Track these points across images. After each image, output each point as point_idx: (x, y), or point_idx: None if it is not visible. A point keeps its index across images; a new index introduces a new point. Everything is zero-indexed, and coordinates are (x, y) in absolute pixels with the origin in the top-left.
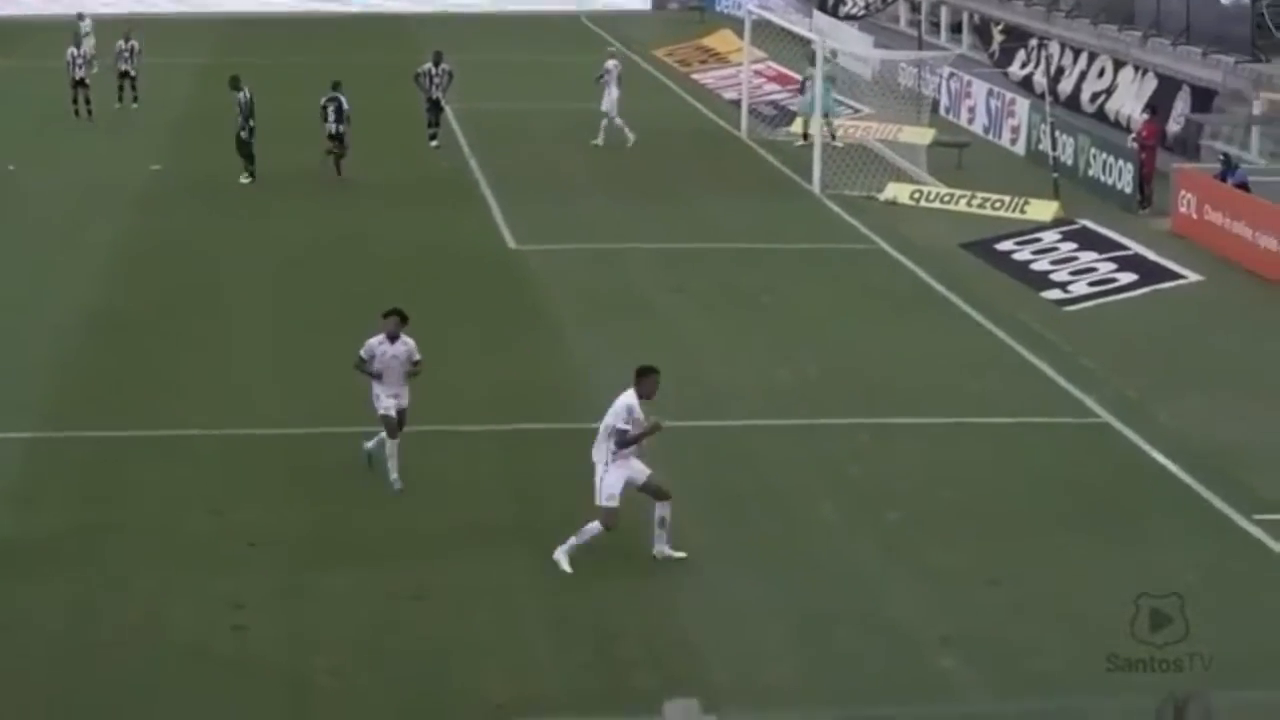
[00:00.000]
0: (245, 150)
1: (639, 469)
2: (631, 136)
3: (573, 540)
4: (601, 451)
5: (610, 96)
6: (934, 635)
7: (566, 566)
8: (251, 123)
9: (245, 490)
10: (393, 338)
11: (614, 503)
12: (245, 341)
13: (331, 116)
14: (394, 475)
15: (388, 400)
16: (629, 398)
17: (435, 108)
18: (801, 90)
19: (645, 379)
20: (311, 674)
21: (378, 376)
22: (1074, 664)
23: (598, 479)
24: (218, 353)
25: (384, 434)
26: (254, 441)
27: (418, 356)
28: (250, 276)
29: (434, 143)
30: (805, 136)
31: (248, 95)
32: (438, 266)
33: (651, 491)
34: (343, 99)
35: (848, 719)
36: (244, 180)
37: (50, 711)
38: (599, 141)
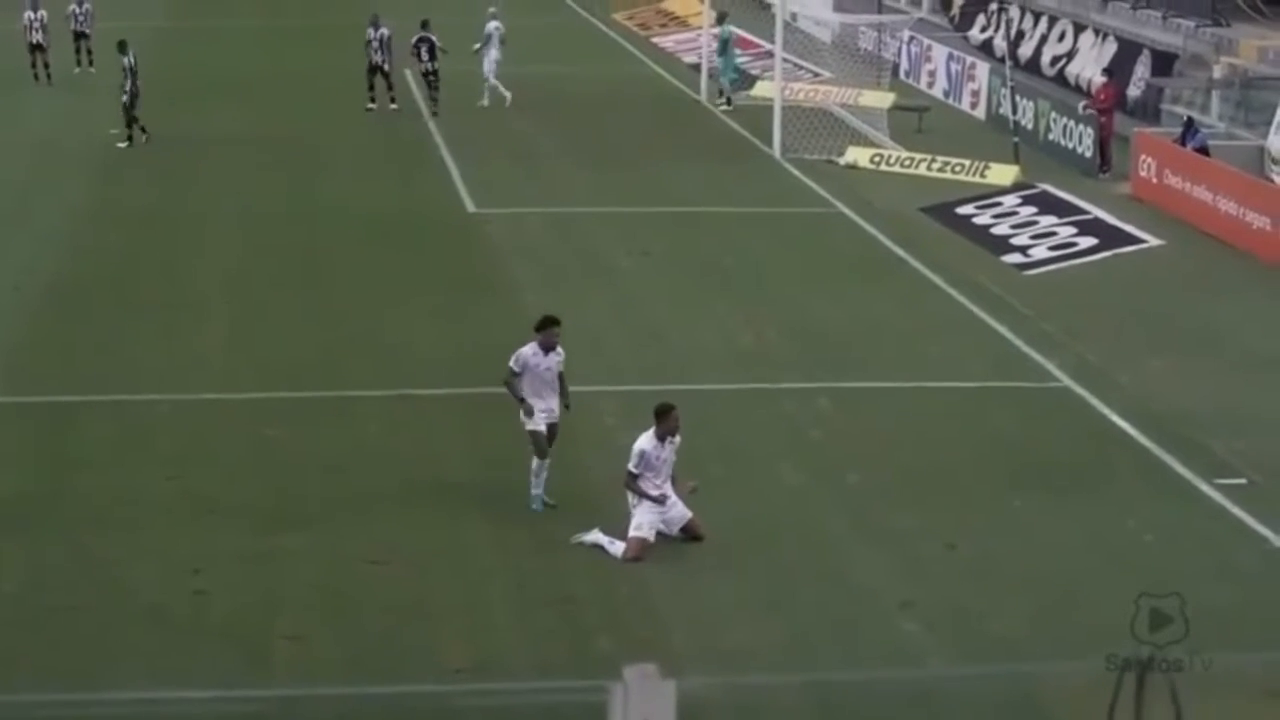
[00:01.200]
0: (127, 114)
1: (676, 515)
2: (508, 95)
3: (599, 538)
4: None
5: (490, 58)
6: (894, 599)
7: (586, 539)
8: (136, 85)
9: (203, 455)
10: (549, 348)
11: (640, 533)
12: (202, 306)
13: (425, 55)
14: (537, 491)
15: (540, 415)
16: (644, 440)
17: (374, 72)
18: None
19: (664, 418)
20: (271, 638)
21: (522, 399)
22: (1034, 628)
23: (630, 508)
24: (174, 317)
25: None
26: (211, 406)
27: (561, 364)
28: (208, 241)
29: (393, 105)
30: (728, 101)
31: (133, 60)
32: (396, 230)
33: (689, 535)
34: (433, 38)
35: (809, 684)
36: (121, 145)
37: (6, 675)
38: (485, 103)
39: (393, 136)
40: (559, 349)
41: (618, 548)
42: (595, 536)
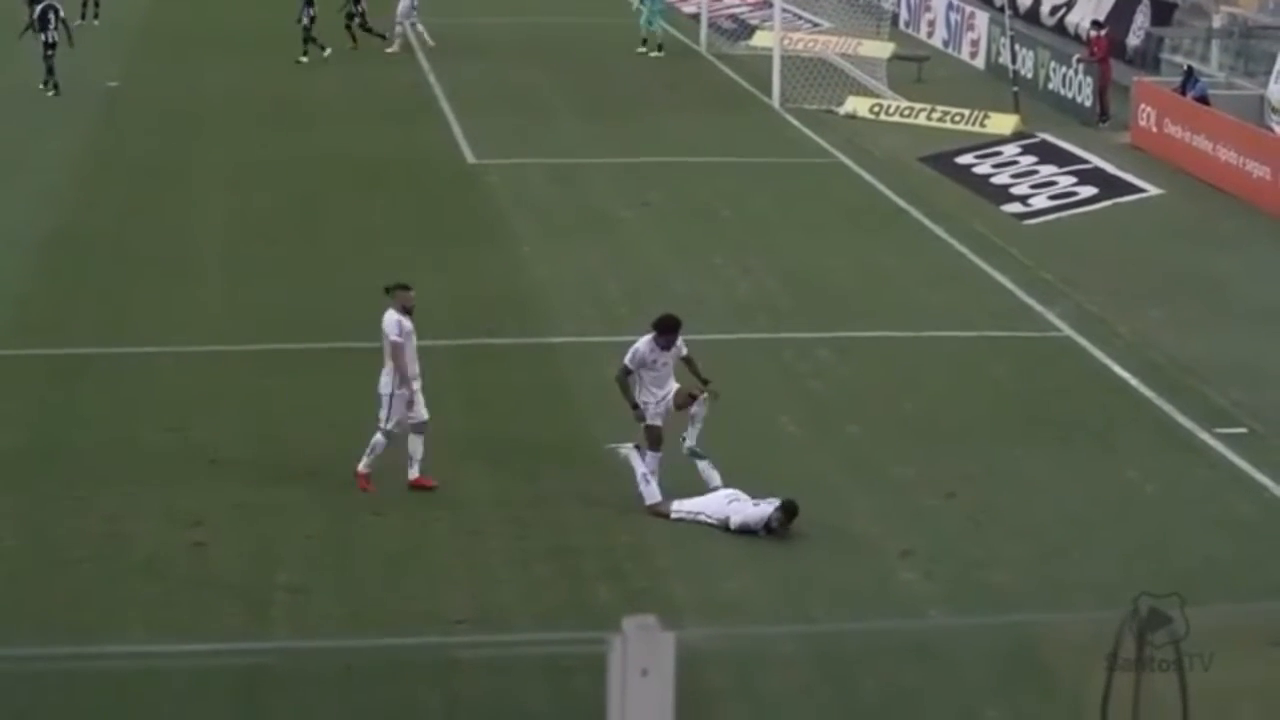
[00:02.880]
0: (306, 34)
1: (664, 409)
2: (430, 41)
3: (633, 461)
4: None
5: (403, 4)
6: (894, 548)
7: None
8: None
9: (202, 407)
10: (668, 346)
11: (663, 506)
12: (201, 259)
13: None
14: (651, 487)
15: (657, 408)
16: (641, 340)
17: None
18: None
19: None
20: (270, 589)
21: (635, 405)
22: (1032, 577)
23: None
24: (173, 270)
25: (634, 445)
26: (211, 358)
27: (685, 351)
28: (206, 193)
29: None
30: (656, 48)
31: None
32: (396, 181)
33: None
34: None
35: (807, 634)
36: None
37: (7, 627)
38: (426, 41)
39: (392, 87)
40: (680, 343)
41: (650, 488)
42: (631, 456)
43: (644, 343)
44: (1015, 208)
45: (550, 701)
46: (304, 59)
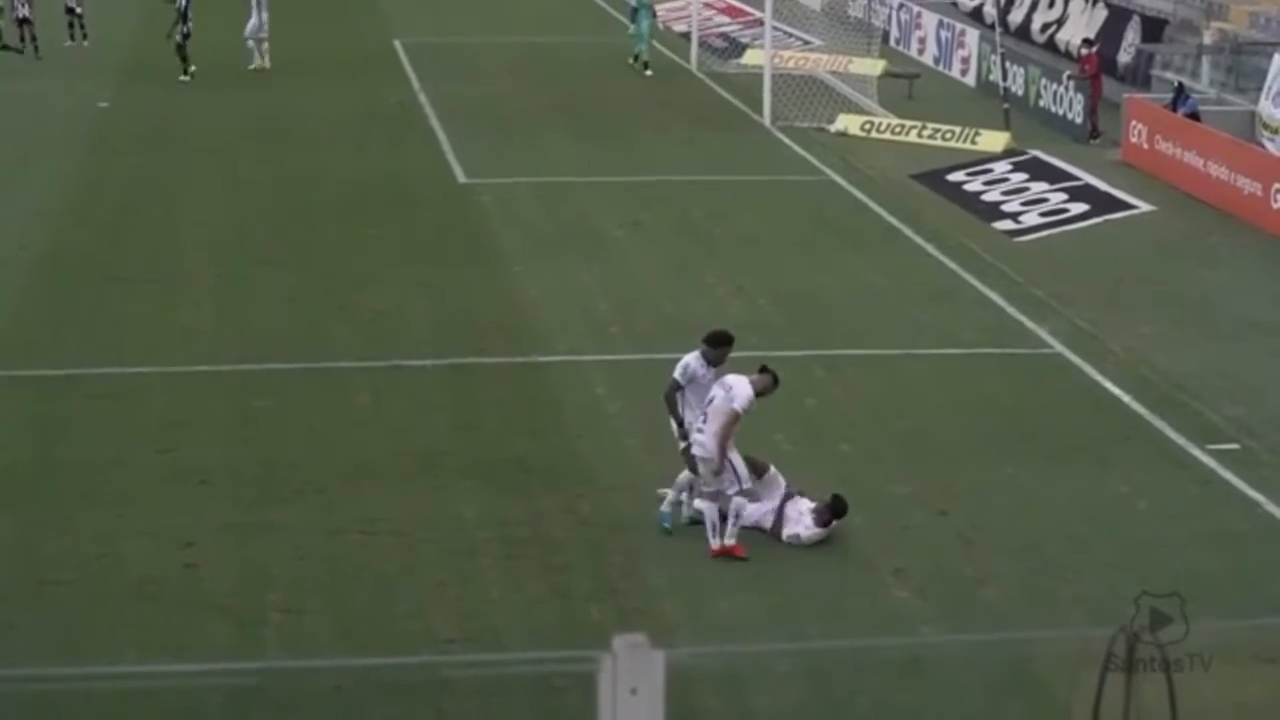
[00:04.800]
0: (181, 52)
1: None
2: (266, 64)
3: (705, 510)
4: None
5: (254, 20)
6: (887, 566)
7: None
8: (188, 26)
9: (193, 428)
10: (717, 362)
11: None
12: (190, 278)
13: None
14: (680, 501)
15: (697, 432)
16: (691, 355)
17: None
18: (632, 19)
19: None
20: (262, 610)
21: (680, 421)
22: (1026, 595)
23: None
24: (162, 289)
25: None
26: (200, 378)
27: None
28: (197, 213)
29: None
30: (644, 65)
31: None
32: (387, 200)
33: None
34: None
35: (800, 652)
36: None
37: None
38: (263, 64)
39: (382, 106)
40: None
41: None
42: (694, 504)
43: (693, 357)
44: (1006, 225)
45: None
46: (185, 77)
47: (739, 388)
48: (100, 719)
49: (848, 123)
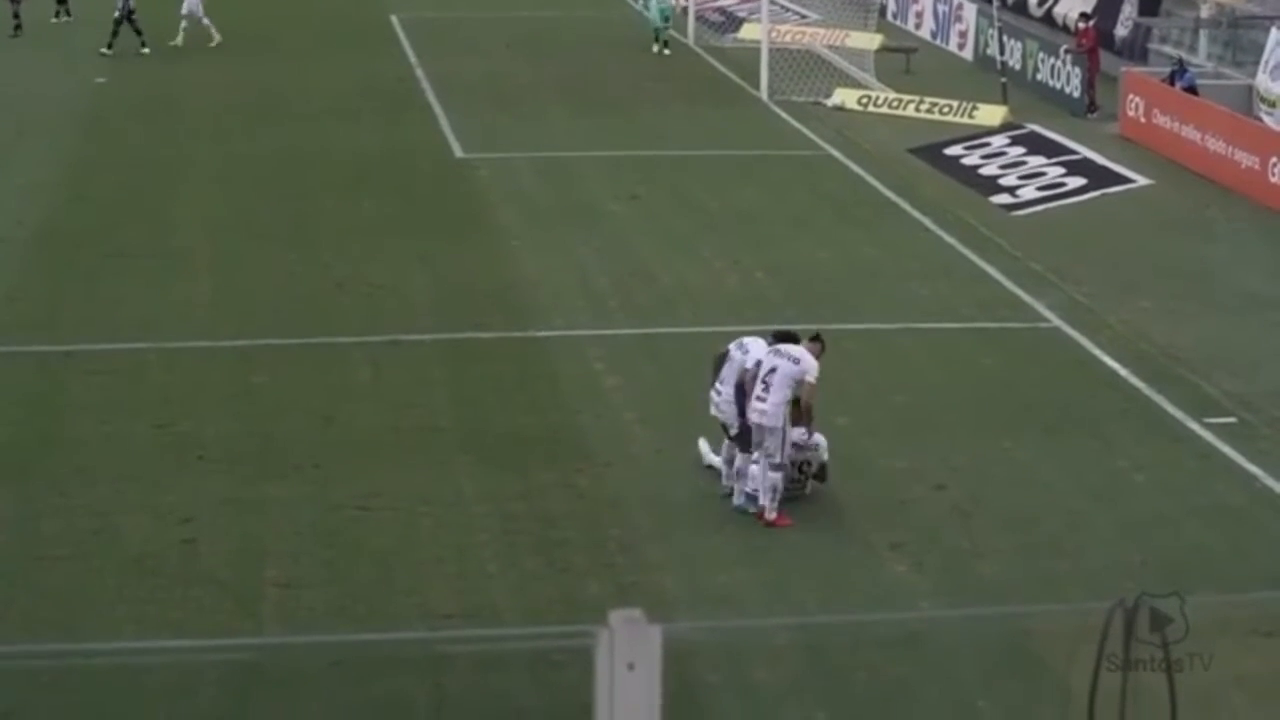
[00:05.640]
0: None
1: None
2: (217, 37)
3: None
4: None
5: (189, 2)
6: (884, 540)
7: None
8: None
9: (191, 403)
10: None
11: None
12: (188, 253)
13: None
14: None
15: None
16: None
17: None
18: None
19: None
20: (260, 585)
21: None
22: (1022, 568)
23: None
24: (160, 265)
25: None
26: (199, 354)
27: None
28: (194, 189)
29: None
30: (664, 46)
31: None
32: (384, 175)
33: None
34: None
35: (798, 626)
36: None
37: None
38: (178, 42)
39: (379, 81)
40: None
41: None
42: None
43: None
44: (1004, 199)
45: (540, 696)
46: (145, 50)
47: (806, 359)
48: (98, 694)
49: (845, 97)
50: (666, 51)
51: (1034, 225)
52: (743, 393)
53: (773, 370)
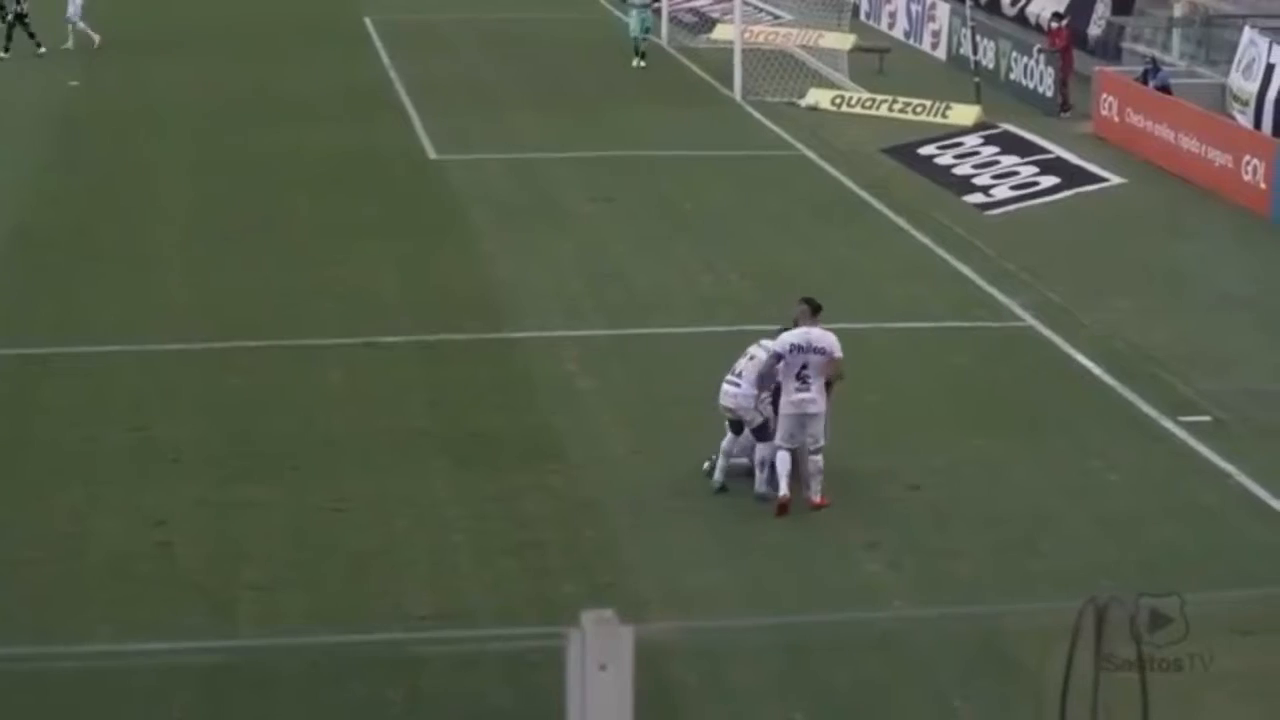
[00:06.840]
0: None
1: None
2: (96, 38)
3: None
4: None
5: (72, 6)
6: (859, 540)
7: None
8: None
9: (165, 406)
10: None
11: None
12: (161, 255)
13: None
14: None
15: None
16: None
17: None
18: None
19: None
20: (235, 588)
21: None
22: (996, 568)
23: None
24: (133, 267)
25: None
26: (173, 356)
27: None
28: (168, 190)
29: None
30: (642, 57)
31: None
32: (357, 177)
33: None
34: None
35: (772, 626)
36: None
37: None
38: (69, 46)
39: (352, 83)
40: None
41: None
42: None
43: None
44: (977, 198)
45: (514, 697)
46: (41, 50)
47: (828, 340)
48: (73, 698)
49: (819, 97)
50: (643, 64)
51: (1008, 225)
52: (764, 386)
53: (805, 366)
